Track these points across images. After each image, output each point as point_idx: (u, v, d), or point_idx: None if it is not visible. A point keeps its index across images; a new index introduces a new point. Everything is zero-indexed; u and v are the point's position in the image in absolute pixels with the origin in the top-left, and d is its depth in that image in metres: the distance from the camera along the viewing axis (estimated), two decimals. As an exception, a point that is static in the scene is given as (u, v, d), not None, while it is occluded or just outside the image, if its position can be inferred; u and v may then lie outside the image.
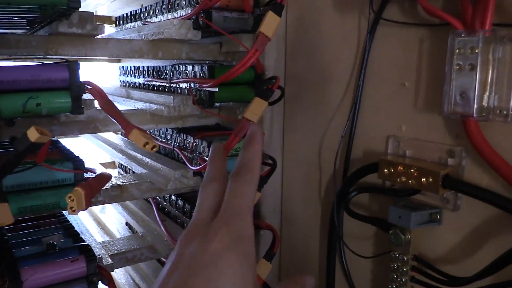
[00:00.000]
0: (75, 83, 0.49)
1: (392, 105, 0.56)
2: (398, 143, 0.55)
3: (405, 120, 0.55)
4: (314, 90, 0.67)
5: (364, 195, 0.61)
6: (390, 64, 0.56)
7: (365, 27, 0.58)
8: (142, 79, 0.84)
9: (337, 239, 0.63)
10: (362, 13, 0.59)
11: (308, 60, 0.67)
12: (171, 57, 0.70)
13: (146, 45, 0.68)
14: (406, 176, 0.51)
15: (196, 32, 0.66)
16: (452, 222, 0.51)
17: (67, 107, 0.50)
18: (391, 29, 0.55)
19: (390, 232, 0.53)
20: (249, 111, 0.58)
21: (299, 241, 0.74)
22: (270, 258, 0.65)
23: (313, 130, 0.68)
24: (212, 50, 0.74)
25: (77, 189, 0.39)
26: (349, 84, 0.61)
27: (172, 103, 0.65)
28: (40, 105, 0.48)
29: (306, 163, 0.70)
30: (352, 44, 0.60)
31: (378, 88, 0.58)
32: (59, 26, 0.57)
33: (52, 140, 0.68)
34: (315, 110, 0.67)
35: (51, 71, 0.48)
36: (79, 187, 0.40)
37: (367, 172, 0.57)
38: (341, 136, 0.61)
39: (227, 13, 0.65)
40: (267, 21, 0.56)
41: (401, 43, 0.54)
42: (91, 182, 0.41)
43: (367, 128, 0.59)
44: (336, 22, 0.62)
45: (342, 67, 0.62)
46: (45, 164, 0.48)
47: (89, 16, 0.58)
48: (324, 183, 0.67)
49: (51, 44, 0.61)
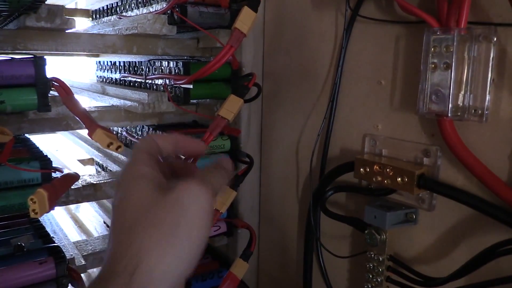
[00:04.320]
0: (41, 79, 0.48)
1: (369, 104, 0.55)
2: (375, 142, 0.55)
3: (381, 118, 0.54)
4: (292, 88, 0.66)
5: (341, 194, 0.60)
6: (367, 62, 0.55)
7: (342, 24, 0.57)
8: (118, 74, 0.82)
9: (314, 238, 0.62)
10: (339, 10, 0.58)
11: (286, 57, 0.66)
12: (146, 52, 0.69)
13: (120, 40, 0.66)
14: (382, 175, 0.50)
15: (171, 27, 0.64)
16: (427, 222, 0.51)
17: (33, 105, 0.48)
18: (367, 26, 0.54)
19: (365, 232, 0.53)
20: (224, 109, 0.57)
21: (277, 240, 0.73)
22: (247, 258, 0.64)
23: (291, 127, 0.67)
24: (189, 46, 0.73)
25: (40, 191, 0.38)
26: (326, 82, 0.60)
27: (147, 100, 0.64)
28: (4, 103, 0.46)
29: (284, 161, 0.69)
30: (330, 41, 0.59)
31: (354, 86, 0.57)
32: (27, 20, 0.55)
33: (21, 137, 0.66)
34: (293, 108, 0.66)
35: (15, 67, 0.47)
36: (42, 189, 0.38)
37: (343, 171, 0.56)
38: (318, 134, 0.60)
39: (203, 8, 0.64)
40: (243, 16, 0.55)
41: (377, 41, 0.53)
42: (56, 183, 0.39)
43: (343, 126, 0.59)
44: (314, 19, 0.61)
45: (319, 65, 0.61)
46: (10, 164, 0.46)
47: (58, 10, 0.56)
48: (301, 182, 0.67)
49: (19, 39, 0.59)
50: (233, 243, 0.74)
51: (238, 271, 0.62)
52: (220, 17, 0.65)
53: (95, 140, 0.30)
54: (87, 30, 0.82)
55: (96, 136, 0.30)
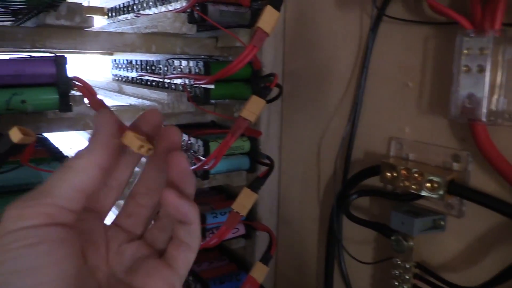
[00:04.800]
0: (62, 78, 0.47)
1: (395, 106, 0.54)
2: (401, 145, 0.53)
3: (408, 121, 0.53)
4: (313, 88, 0.65)
5: (364, 198, 0.59)
6: (393, 63, 0.54)
7: (367, 24, 0.56)
8: (135, 73, 0.82)
9: (336, 243, 0.61)
10: (364, 9, 0.56)
11: (307, 57, 0.65)
12: (165, 51, 0.68)
13: (139, 38, 0.65)
14: (409, 180, 0.49)
15: (191, 26, 0.63)
16: (456, 228, 0.49)
17: (54, 104, 0.47)
18: (394, 26, 0.53)
19: (392, 239, 0.51)
20: (246, 110, 0.56)
21: (296, 243, 0.72)
22: (267, 261, 0.63)
23: (311, 129, 0.66)
24: (207, 45, 0.71)
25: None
26: (349, 83, 0.59)
27: (166, 99, 0.63)
28: (26, 102, 0.45)
29: (304, 163, 0.68)
30: (353, 41, 0.58)
31: (379, 88, 0.55)
32: (46, 18, 0.54)
33: (40, 137, 0.65)
34: (314, 109, 0.65)
35: (36, 66, 0.46)
36: None
37: (369, 175, 0.55)
38: (342, 137, 0.59)
39: (224, 7, 0.63)
40: (266, 16, 0.54)
41: (405, 42, 0.52)
42: None
43: (368, 129, 0.57)
44: (337, 18, 0.60)
45: (342, 65, 0.60)
46: (31, 165, 0.46)
47: (78, 8, 0.55)
48: (323, 184, 0.65)
49: (38, 37, 0.58)
50: (251, 245, 0.73)
51: (258, 275, 0.61)
52: (240, 16, 0.64)
53: (125, 143, 0.29)
54: (104, 28, 0.81)
55: (126, 139, 0.29)
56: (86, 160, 0.27)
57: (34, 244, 0.23)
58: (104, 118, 0.29)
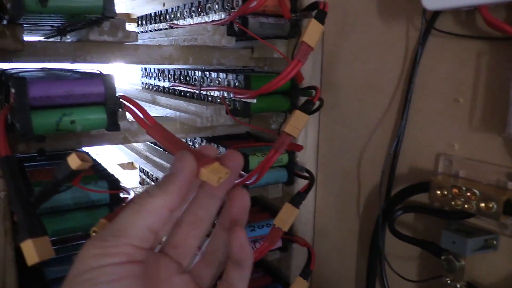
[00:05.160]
0: (111, 98, 0.46)
1: (444, 122, 0.53)
2: (450, 162, 0.52)
3: (458, 138, 0.51)
4: (354, 101, 0.64)
5: (408, 214, 0.57)
6: (442, 78, 0.52)
7: (414, 37, 0.54)
8: (167, 83, 0.81)
9: (379, 259, 0.60)
10: (410, 21, 0.55)
11: (348, 69, 0.64)
12: (202, 63, 0.67)
13: (176, 51, 0.65)
14: (462, 199, 0.48)
15: (230, 38, 0.62)
16: (509, 248, 0.48)
17: (103, 124, 0.47)
18: (444, 40, 0.52)
19: (442, 258, 0.50)
20: (290, 125, 0.55)
21: (333, 257, 0.71)
22: (307, 276, 0.62)
23: (351, 142, 0.65)
24: (243, 56, 0.71)
25: (102, 221, 0.36)
26: (394, 96, 0.58)
27: (205, 113, 0.62)
28: (75, 122, 0.45)
29: (342, 176, 0.67)
30: (398, 54, 0.57)
31: (427, 103, 0.54)
32: (90, 34, 0.54)
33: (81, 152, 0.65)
34: (355, 122, 0.64)
35: (85, 86, 0.45)
36: (104, 219, 0.36)
37: (416, 191, 0.54)
38: (387, 152, 0.58)
39: (264, 19, 0.62)
40: (311, 29, 0.53)
41: (455, 56, 0.51)
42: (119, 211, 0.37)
43: (414, 144, 0.56)
44: (380, 30, 0.59)
45: (386, 78, 0.58)
46: (81, 186, 0.45)
47: (121, 23, 0.55)
48: (363, 198, 0.64)
49: (79, 51, 0.58)
50: (287, 258, 0.73)
51: (298, 291, 0.60)
52: (280, 27, 0.63)
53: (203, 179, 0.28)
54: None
55: (203, 176, 0.28)
56: (161, 201, 0.27)
57: (117, 280, 0.25)
58: (184, 161, 0.28)
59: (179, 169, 0.28)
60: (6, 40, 0.48)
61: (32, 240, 0.35)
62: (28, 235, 0.35)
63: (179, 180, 0.27)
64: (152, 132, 0.37)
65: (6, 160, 0.38)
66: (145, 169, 0.89)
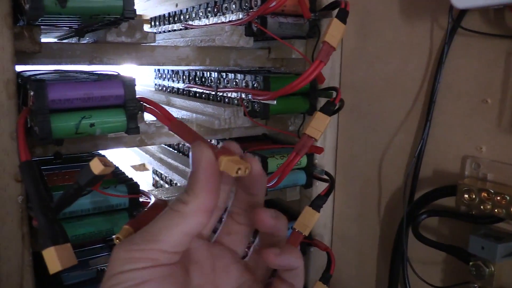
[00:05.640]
0: (131, 100, 0.45)
1: (470, 123, 0.51)
2: (478, 165, 0.50)
3: (486, 140, 0.50)
4: (375, 101, 0.62)
5: (432, 218, 0.56)
6: (469, 78, 0.51)
7: (439, 36, 0.53)
8: (182, 84, 0.80)
9: (402, 263, 0.58)
10: (435, 20, 0.53)
11: (368, 69, 0.63)
12: (219, 64, 0.66)
13: (193, 52, 0.64)
14: (491, 203, 0.46)
15: (248, 38, 0.61)
16: (541, 254, 0.46)
17: (122, 127, 0.46)
18: (470, 39, 0.50)
19: (470, 264, 0.49)
20: (311, 127, 0.54)
21: (352, 261, 0.69)
22: (327, 281, 0.61)
23: (372, 143, 0.63)
24: (260, 56, 0.70)
25: (126, 228, 0.35)
26: (417, 97, 0.56)
27: (223, 114, 0.61)
28: (94, 126, 0.44)
29: (362, 178, 0.66)
30: (422, 53, 0.55)
31: (453, 104, 0.53)
32: (108, 35, 0.53)
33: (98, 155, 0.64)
34: (376, 123, 0.62)
35: (105, 88, 0.44)
36: (128, 225, 0.35)
37: (442, 195, 0.52)
38: (411, 154, 0.56)
39: (282, 19, 0.61)
40: (332, 29, 0.52)
41: (483, 56, 0.49)
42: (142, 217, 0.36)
43: (438, 146, 0.55)
44: (403, 29, 0.57)
45: (409, 78, 0.57)
46: (100, 190, 0.44)
47: (138, 24, 0.54)
48: (384, 201, 0.63)
49: (95, 53, 0.57)
50: (305, 262, 0.71)
51: (319, 296, 0.59)
52: (298, 27, 0.62)
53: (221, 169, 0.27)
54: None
55: (222, 166, 0.27)
56: (195, 207, 0.26)
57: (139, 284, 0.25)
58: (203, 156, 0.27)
59: (200, 168, 0.27)
60: (23, 41, 0.47)
61: (54, 247, 0.34)
62: (50, 242, 0.34)
63: (203, 180, 0.27)
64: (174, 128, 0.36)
65: (27, 165, 0.37)
66: (159, 171, 0.88)
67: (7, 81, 0.45)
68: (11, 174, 0.46)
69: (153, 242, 0.26)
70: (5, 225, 0.47)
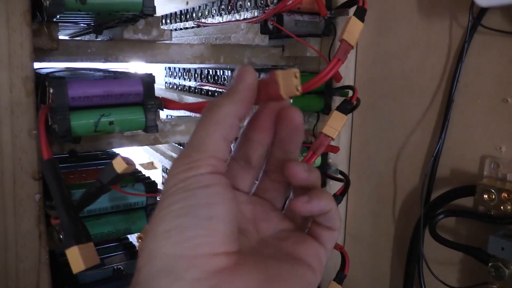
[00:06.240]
0: (150, 98, 0.45)
1: (490, 123, 0.51)
2: (497, 165, 0.50)
3: (505, 140, 0.49)
4: (391, 100, 0.62)
5: (450, 218, 0.56)
6: (489, 77, 0.50)
7: (458, 34, 0.53)
8: (193, 82, 0.80)
9: (418, 263, 0.58)
10: (454, 18, 0.53)
11: (385, 67, 0.62)
12: (233, 62, 0.66)
13: (207, 49, 0.63)
14: (511, 204, 0.46)
15: (263, 36, 0.61)
16: (562, 255, 0.46)
17: (141, 125, 0.45)
18: (491, 38, 0.50)
19: (489, 265, 0.48)
20: (328, 126, 0.53)
21: (366, 261, 0.69)
22: (341, 281, 0.60)
23: (387, 143, 0.63)
24: (274, 54, 0.69)
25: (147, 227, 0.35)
26: (435, 96, 0.56)
27: (238, 113, 0.60)
28: (113, 123, 0.44)
29: (377, 177, 0.65)
30: (440, 52, 0.55)
31: (472, 103, 0.52)
32: (124, 32, 0.52)
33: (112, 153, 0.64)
34: (391, 122, 0.62)
35: (124, 85, 0.44)
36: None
37: (460, 195, 0.52)
38: (430, 154, 0.56)
39: (298, 16, 0.60)
40: (350, 27, 0.51)
41: (504, 54, 0.49)
42: None
43: (456, 146, 0.54)
44: (421, 28, 0.57)
45: (426, 77, 0.57)
46: (119, 189, 0.44)
47: (155, 21, 0.54)
48: (399, 201, 0.62)
49: (111, 50, 0.57)
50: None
51: (333, 296, 0.59)
52: (314, 25, 0.62)
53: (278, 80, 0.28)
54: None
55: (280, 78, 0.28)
56: (228, 110, 0.28)
57: (208, 186, 0.26)
58: (249, 75, 0.28)
59: (241, 79, 0.28)
60: (41, 38, 0.47)
61: (78, 247, 0.34)
62: (74, 241, 0.33)
63: (242, 89, 0.28)
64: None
65: (50, 164, 0.37)
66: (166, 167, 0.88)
67: (26, 78, 0.45)
68: (28, 172, 0.46)
69: (203, 151, 0.27)
70: (22, 223, 0.47)
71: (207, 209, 0.26)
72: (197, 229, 0.25)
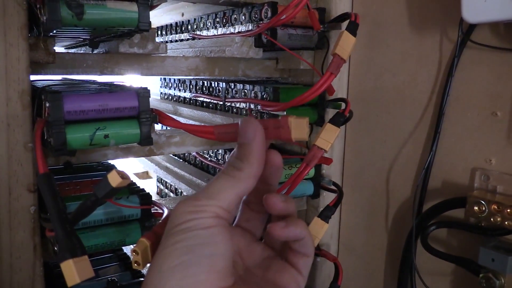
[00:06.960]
0: (145, 112, 0.45)
1: (480, 135, 0.52)
2: (487, 177, 0.51)
3: (495, 152, 0.50)
4: (383, 113, 0.63)
5: (441, 229, 0.56)
6: (479, 91, 0.51)
7: (448, 49, 0.54)
8: (188, 93, 0.80)
9: (411, 274, 0.58)
10: (444, 33, 0.54)
11: (377, 81, 0.63)
12: (227, 74, 0.67)
13: (202, 62, 0.64)
14: (501, 216, 0.47)
15: (257, 49, 0.62)
16: (551, 267, 0.47)
17: (136, 138, 0.46)
18: (480, 53, 0.51)
19: (480, 276, 0.49)
20: (321, 139, 0.54)
21: (359, 272, 0.70)
22: (335, 292, 0.61)
23: (380, 155, 0.64)
24: (268, 67, 0.70)
25: (142, 241, 0.34)
26: (426, 109, 0.57)
27: (232, 125, 0.61)
28: (108, 137, 0.44)
29: (370, 189, 0.66)
30: (431, 66, 0.56)
31: (462, 116, 0.53)
32: (120, 46, 0.53)
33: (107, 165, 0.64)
34: (384, 134, 0.63)
35: (120, 100, 0.44)
36: (144, 238, 0.35)
37: (451, 206, 0.53)
38: (420, 166, 0.57)
39: (292, 30, 0.61)
40: (343, 41, 0.52)
41: (493, 69, 0.50)
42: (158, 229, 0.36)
43: (447, 158, 0.55)
44: (412, 41, 0.58)
45: (418, 90, 0.58)
46: (114, 201, 0.44)
47: (151, 35, 0.54)
48: (392, 212, 0.63)
49: (106, 63, 0.58)
50: (312, 272, 0.71)
51: (327, 307, 0.59)
52: (308, 39, 0.63)
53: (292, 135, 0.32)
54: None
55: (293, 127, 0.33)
56: (247, 172, 0.31)
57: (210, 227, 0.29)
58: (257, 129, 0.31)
59: (251, 137, 0.31)
60: (38, 52, 0.48)
61: (72, 260, 0.34)
62: (69, 255, 0.34)
63: (256, 150, 0.31)
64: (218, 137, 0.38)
65: (46, 177, 0.37)
66: (164, 180, 0.89)
67: (22, 92, 0.45)
68: (24, 184, 0.47)
69: (213, 199, 0.30)
70: (17, 235, 0.47)
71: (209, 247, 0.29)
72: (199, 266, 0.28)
